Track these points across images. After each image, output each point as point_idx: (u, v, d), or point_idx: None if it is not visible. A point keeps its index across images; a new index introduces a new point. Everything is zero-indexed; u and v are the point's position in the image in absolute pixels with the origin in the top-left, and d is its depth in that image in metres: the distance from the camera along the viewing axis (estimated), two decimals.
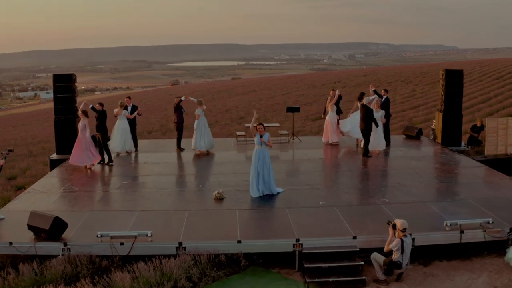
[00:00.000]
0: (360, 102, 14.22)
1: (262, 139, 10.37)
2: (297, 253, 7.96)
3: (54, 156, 14.84)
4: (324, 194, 10.67)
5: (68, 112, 14.80)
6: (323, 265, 7.75)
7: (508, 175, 11.96)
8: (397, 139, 16.24)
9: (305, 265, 7.77)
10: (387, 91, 15.41)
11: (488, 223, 8.44)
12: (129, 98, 15.32)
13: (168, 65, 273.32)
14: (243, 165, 13.18)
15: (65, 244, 7.95)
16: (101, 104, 13.61)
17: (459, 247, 8.41)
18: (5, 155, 9.50)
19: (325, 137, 15.70)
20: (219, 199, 10.28)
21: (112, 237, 7.98)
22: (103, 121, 13.56)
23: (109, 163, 13.53)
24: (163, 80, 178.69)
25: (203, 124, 14.76)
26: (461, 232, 8.27)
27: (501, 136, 14.03)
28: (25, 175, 15.44)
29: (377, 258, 7.75)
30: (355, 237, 8.17)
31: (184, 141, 15.53)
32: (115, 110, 14.73)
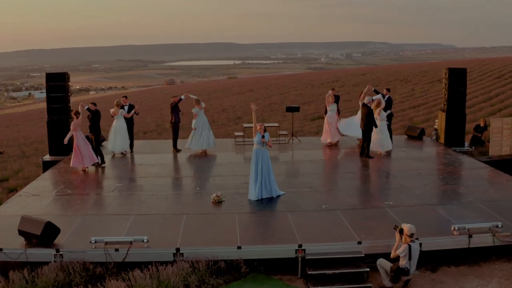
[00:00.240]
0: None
1: (263, 139, 10.05)
2: (299, 259, 7.79)
3: (47, 157, 14.54)
4: (326, 196, 10.44)
5: (61, 112, 14.49)
6: (327, 271, 7.56)
7: None
8: (399, 139, 15.99)
9: (308, 272, 7.57)
10: (389, 90, 15.15)
11: (497, 227, 8.28)
12: (125, 97, 15.15)
13: (163, 65, 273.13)
14: (242, 166, 12.95)
15: (58, 250, 7.73)
16: (94, 103, 13.34)
17: (466, 251, 8.21)
18: None
19: (323, 138, 15.40)
20: (218, 202, 10.05)
21: (106, 243, 7.82)
22: (96, 121, 13.30)
23: (101, 164, 13.22)
24: (158, 79, 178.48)
25: (201, 123, 14.46)
26: (470, 236, 8.08)
27: (506, 136, 13.82)
28: (18, 177, 15.23)
29: (383, 264, 7.54)
30: (360, 242, 7.97)
31: (180, 141, 15.28)
32: (112, 110, 14.48)
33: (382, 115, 13.75)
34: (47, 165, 13.80)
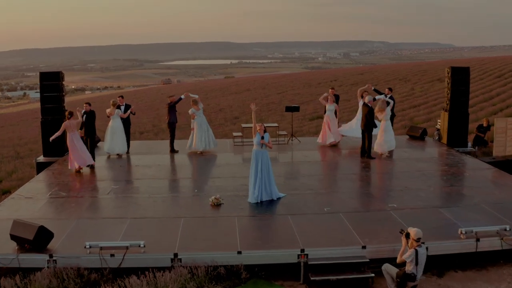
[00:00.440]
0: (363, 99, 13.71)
1: (263, 140, 9.78)
2: (302, 264, 7.56)
3: (41, 158, 14.22)
4: (327, 199, 10.18)
5: (55, 112, 14.19)
6: (330, 277, 7.35)
7: None
8: (401, 140, 15.72)
9: (311, 278, 7.36)
10: (391, 89, 14.92)
11: (505, 230, 8.06)
12: (121, 97, 14.94)
13: (159, 64, 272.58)
14: (241, 168, 12.71)
15: (51, 255, 7.51)
16: (88, 103, 13.04)
17: (473, 255, 8.01)
18: None
19: (321, 138, 15.11)
20: (217, 205, 9.80)
21: (101, 248, 7.58)
22: (92, 123, 13.03)
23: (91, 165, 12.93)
24: (155, 79, 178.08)
25: (200, 123, 14.23)
26: (477, 240, 7.87)
27: (510, 136, 13.58)
28: (11, 178, 15.02)
29: (388, 269, 7.28)
30: (364, 247, 7.74)
31: (178, 142, 15.02)
32: (108, 110, 14.20)
33: (386, 115, 13.44)
34: (41, 167, 13.50)
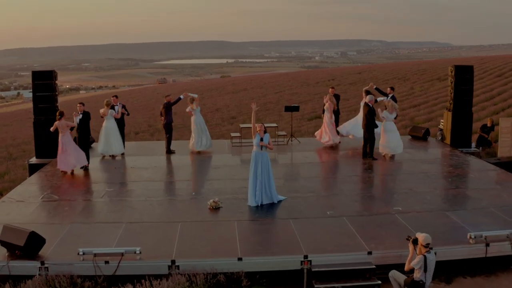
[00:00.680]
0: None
1: (262, 142, 9.44)
2: (305, 271, 7.27)
3: (33, 160, 13.84)
4: (330, 202, 9.87)
5: (48, 112, 13.77)
6: (335, 285, 7.05)
7: None
8: (403, 140, 15.13)
9: (315, 285, 7.06)
10: (393, 88, 14.62)
11: None
12: (116, 97, 14.60)
13: (155, 63, 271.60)
14: (239, 169, 12.39)
15: (43, 262, 7.23)
16: (82, 103, 12.67)
17: (482, 261, 7.72)
18: None
19: (319, 134, 14.81)
20: (215, 208, 9.48)
21: (95, 255, 7.30)
22: (87, 124, 12.67)
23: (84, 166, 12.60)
24: (150, 78, 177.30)
25: (197, 123, 14.06)
26: (487, 245, 7.58)
27: None
28: (4, 180, 14.63)
29: (396, 276, 6.97)
30: (370, 253, 7.44)
31: (174, 143, 14.68)
32: (101, 110, 13.82)
33: (388, 115, 13.10)
34: (33, 168, 13.14)
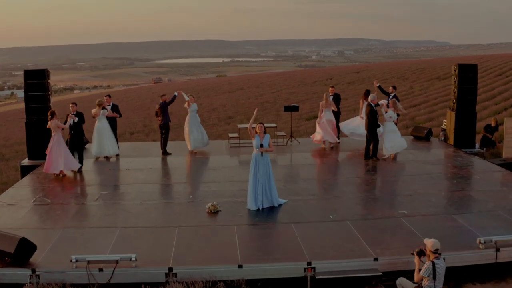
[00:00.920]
0: (366, 100, 13.12)
1: (262, 148, 9.10)
2: (308, 278, 7.01)
3: (25, 161, 13.47)
4: (332, 205, 9.57)
5: (40, 112, 13.41)
6: None
7: None
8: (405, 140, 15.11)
9: None
10: (395, 87, 14.33)
11: None
12: (109, 96, 14.29)
13: (150, 63, 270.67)
14: (238, 171, 12.10)
15: (34, 270, 6.97)
16: (75, 104, 12.32)
17: (491, 266, 7.44)
18: None
19: (318, 139, 14.46)
20: (214, 212, 9.17)
21: (89, 262, 7.03)
22: (80, 124, 12.32)
23: (79, 169, 12.26)
24: (145, 78, 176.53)
25: (192, 122, 13.87)
26: (497, 250, 7.33)
27: None
28: None
29: (404, 284, 6.72)
30: (376, 259, 7.17)
31: (170, 143, 14.38)
32: (93, 110, 13.47)
33: (393, 115, 12.82)
34: (25, 170, 12.84)
